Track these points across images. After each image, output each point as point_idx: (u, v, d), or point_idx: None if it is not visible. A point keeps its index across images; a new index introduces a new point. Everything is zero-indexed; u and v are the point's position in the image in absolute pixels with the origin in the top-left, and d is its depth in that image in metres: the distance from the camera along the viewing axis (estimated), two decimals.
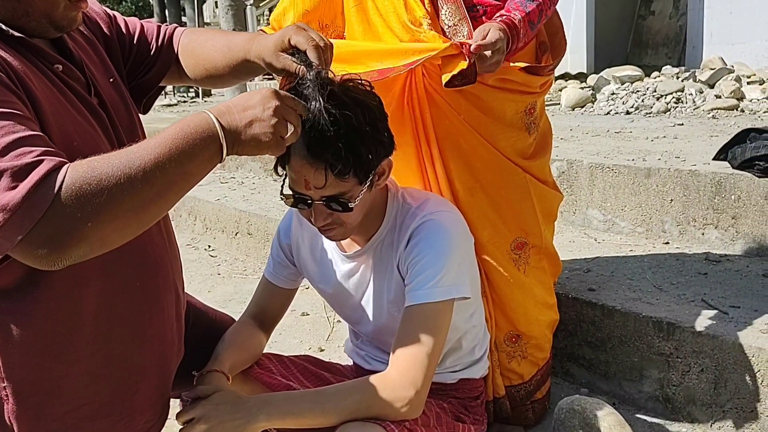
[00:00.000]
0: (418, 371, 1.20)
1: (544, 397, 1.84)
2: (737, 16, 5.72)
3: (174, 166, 0.92)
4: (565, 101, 4.71)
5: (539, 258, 1.73)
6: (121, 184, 0.87)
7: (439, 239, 1.27)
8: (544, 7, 1.50)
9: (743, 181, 2.26)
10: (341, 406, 1.19)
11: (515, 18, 1.42)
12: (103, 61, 1.20)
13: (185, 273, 1.36)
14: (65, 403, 1.06)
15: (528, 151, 1.68)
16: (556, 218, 1.85)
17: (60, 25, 1.04)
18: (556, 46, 1.72)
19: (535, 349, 1.77)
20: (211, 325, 1.46)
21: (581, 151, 2.93)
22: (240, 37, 1.27)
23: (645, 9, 8.02)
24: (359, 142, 1.15)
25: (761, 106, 3.82)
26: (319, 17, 1.64)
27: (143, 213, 0.92)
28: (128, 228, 0.92)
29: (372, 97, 1.22)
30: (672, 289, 1.99)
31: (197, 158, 0.95)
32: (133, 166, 0.88)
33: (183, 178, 0.94)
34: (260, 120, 0.99)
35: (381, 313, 1.38)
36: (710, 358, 1.69)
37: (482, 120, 1.59)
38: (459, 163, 1.59)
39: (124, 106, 1.19)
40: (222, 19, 8.02)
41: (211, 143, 0.96)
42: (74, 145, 0.99)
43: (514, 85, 1.59)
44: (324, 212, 1.22)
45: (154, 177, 0.90)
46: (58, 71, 1.04)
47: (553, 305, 1.82)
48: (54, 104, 0.99)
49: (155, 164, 0.90)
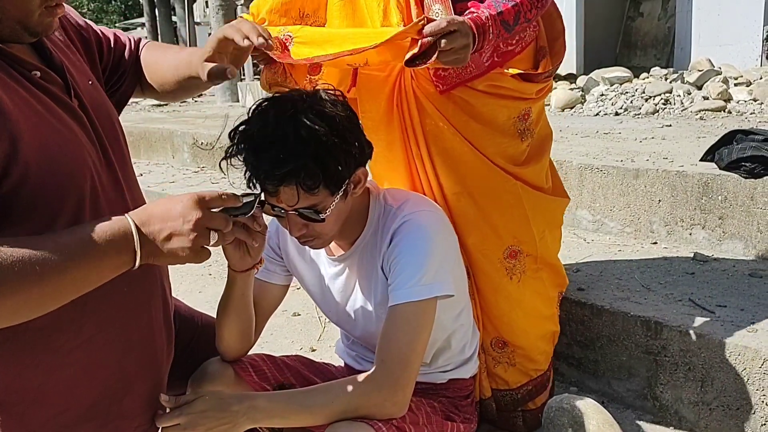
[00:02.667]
0: (403, 370, 1.21)
1: (537, 409, 1.78)
2: (725, 18, 5.76)
3: (75, 269, 0.89)
4: (554, 102, 4.73)
5: (536, 268, 1.69)
6: (9, 281, 0.84)
7: (419, 238, 1.27)
8: (523, 8, 1.44)
9: (730, 182, 2.29)
10: (328, 407, 1.20)
11: (482, 15, 1.38)
12: (82, 65, 1.20)
13: (176, 274, 1.37)
14: (48, 409, 1.06)
15: (520, 158, 1.64)
16: (560, 224, 1.80)
17: (35, 31, 1.02)
18: (556, 51, 1.69)
19: (524, 359, 1.73)
20: (196, 330, 1.46)
21: (570, 152, 2.95)
22: (185, 52, 1.30)
23: (634, 10, 8.06)
24: (327, 156, 1.15)
25: (748, 108, 3.85)
26: (301, 6, 1.59)
27: (28, 309, 0.89)
28: (5, 320, 0.88)
29: (341, 108, 1.21)
30: (660, 289, 2.01)
31: (104, 265, 0.92)
32: (32, 262, 0.85)
33: (83, 281, 0.92)
34: (179, 234, 0.96)
35: (369, 315, 1.39)
36: (697, 356, 1.71)
37: (470, 125, 1.56)
38: (445, 167, 1.57)
39: (105, 106, 1.18)
40: (212, 19, 7.99)
41: (124, 253, 0.93)
42: (53, 153, 0.98)
43: (508, 91, 1.56)
44: (298, 223, 1.23)
45: (48, 276, 0.87)
46: (36, 78, 1.02)
47: (550, 317, 1.78)
48: (29, 115, 0.97)
49: (56, 264, 0.87)
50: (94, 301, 1.06)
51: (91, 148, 1.08)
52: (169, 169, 4.82)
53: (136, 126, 5.39)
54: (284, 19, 1.56)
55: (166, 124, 5.47)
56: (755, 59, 5.52)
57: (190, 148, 4.80)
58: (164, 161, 5.08)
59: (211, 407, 1.18)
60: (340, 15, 1.53)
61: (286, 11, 1.58)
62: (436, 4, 1.47)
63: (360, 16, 1.52)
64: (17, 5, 0.97)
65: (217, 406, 1.18)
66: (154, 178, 4.51)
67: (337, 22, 1.54)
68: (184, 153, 4.86)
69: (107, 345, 1.10)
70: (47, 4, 1.00)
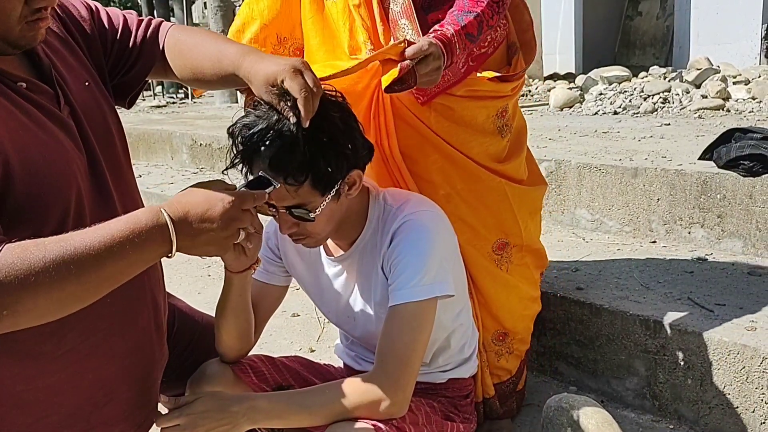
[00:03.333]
0: (403, 370, 1.21)
1: (523, 387, 1.88)
2: (724, 17, 5.76)
3: (112, 263, 0.89)
4: (553, 101, 4.73)
5: (521, 255, 1.74)
6: (48, 278, 0.84)
7: (419, 238, 1.27)
8: (484, 17, 1.46)
9: (728, 181, 2.29)
10: (328, 408, 1.20)
11: (448, 32, 1.40)
12: (80, 63, 1.16)
13: (175, 275, 1.36)
14: (28, 415, 1.05)
15: (502, 154, 1.68)
16: (540, 209, 1.85)
17: (18, 44, 1.00)
18: (526, 44, 1.70)
19: (519, 343, 1.81)
20: (196, 329, 1.45)
21: (569, 151, 2.95)
22: (231, 48, 1.20)
23: (632, 9, 8.07)
24: (315, 156, 1.15)
25: (746, 106, 3.85)
26: (277, 30, 1.61)
27: (65, 306, 0.89)
28: (45, 317, 0.89)
29: (336, 109, 1.21)
30: (659, 288, 2.01)
31: (140, 257, 0.92)
32: (67, 260, 0.85)
33: (118, 276, 0.92)
34: (215, 236, 0.96)
35: (369, 315, 1.39)
36: (696, 355, 1.71)
37: (453, 129, 1.58)
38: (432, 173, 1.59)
39: (99, 110, 1.16)
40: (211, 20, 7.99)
41: (160, 247, 0.93)
42: (38, 166, 0.97)
43: (485, 93, 1.59)
44: (288, 221, 1.23)
45: (86, 274, 0.87)
46: (22, 89, 1.00)
47: (537, 298, 1.85)
48: (13, 129, 0.95)
49: (92, 261, 0.87)
50: (78, 311, 1.05)
51: (78, 158, 1.06)
52: (168, 171, 4.82)
53: (135, 127, 5.39)
54: (264, 48, 1.57)
55: (164, 125, 5.47)
56: (754, 58, 5.52)
57: (189, 149, 4.80)
58: (163, 162, 5.07)
59: (211, 408, 1.18)
60: (314, 28, 1.56)
61: (264, 38, 1.60)
62: (403, 19, 1.49)
63: (330, 28, 1.54)
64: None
65: (217, 406, 1.18)
66: (152, 179, 4.51)
67: (312, 35, 1.56)
68: (183, 154, 4.86)
69: (90, 354, 1.09)
70: (28, 19, 0.97)
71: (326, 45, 1.55)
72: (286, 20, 1.62)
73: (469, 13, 1.45)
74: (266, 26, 1.60)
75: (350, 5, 1.50)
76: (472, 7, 1.46)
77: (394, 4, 1.51)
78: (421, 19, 1.52)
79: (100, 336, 1.09)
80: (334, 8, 1.52)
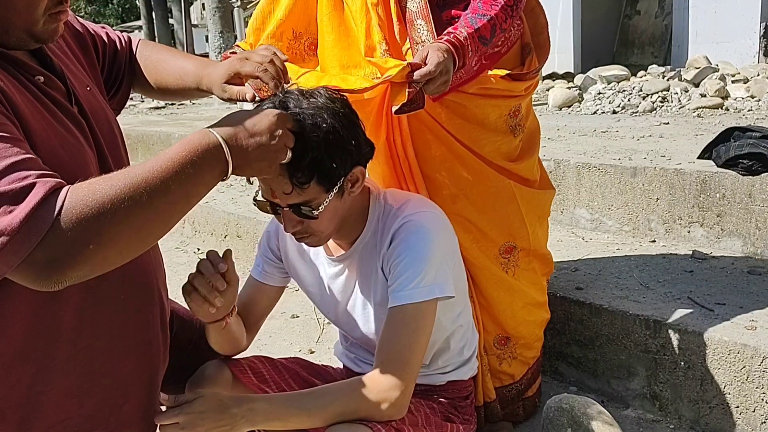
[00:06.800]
0: (402, 372, 1.21)
1: (534, 395, 1.85)
2: (722, 15, 5.77)
3: (177, 186, 0.91)
4: (552, 101, 4.73)
5: (529, 260, 1.73)
6: (123, 206, 0.86)
7: (419, 239, 1.27)
8: (498, 21, 1.46)
9: (728, 180, 2.29)
10: (327, 410, 1.20)
11: (461, 36, 1.40)
12: (81, 71, 1.20)
13: (175, 276, 1.37)
14: (48, 417, 1.06)
15: (514, 153, 1.68)
16: (548, 215, 1.84)
17: (41, 38, 1.03)
18: (540, 46, 1.71)
19: (524, 349, 1.78)
20: (194, 333, 1.45)
21: (568, 151, 2.95)
22: (192, 63, 1.30)
23: (631, 8, 8.07)
24: (321, 152, 1.15)
25: (745, 105, 3.85)
26: (293, 25, 1.62)
27: (145, 234, 0.91)
28: (130, 248, 0.91)
29: (339, 105, 1.20)
30: (659, 287, 2.01)
31: (202, 179, 0.95)
32: (136, 188, 0.87)
33: (185, 199, 0.94)
34: (267, 149, 1.00)
35: (368, 315, 1.39)
36: (696, 355, 1.71)
37: (465, 127, 1.58)
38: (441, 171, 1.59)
39: (103, 112, 1.19)
40: (209, 21, 8.00)
41: (216, 165, 0.96)
42: (60, 159, 0.98)
43: (498, 91, 1.58)
44: (293, 219, 1.23)
45: (156, 198, 0.89)
46: (40, 83, 1.03)
47: (543, 304, 1.83)
48: (38, 119, 0.98)
49: (159, 185, 0.89)
50: (91, 309, 1.06)
51: (91, 155, 1.08)
52: None
53: (134, 129, 5.39)
54: (280, 44, 1.59)
55: (163, 126, 5.47)
56: (752, 56, 5.52)
57: None
58: None
59: (210, 408, 1.17)
60: (330, 25, 1.56)
61: (281, 34, 1.61)
62: (419, 19, 1.48)
63: (346, 26, 1.54)
64: (23, 15, 0.98)
65: (216, 407, 1.18)
66: None
67: (328, 31, 1.56)
68: None
69: (105, 353, 1.09)
70: (51, 12, 1.01)
71: (341, 43, 1.55)
72: (303, 15, 1.63)
73: (483, 16, 1.45)
74: (282, 22, 1.62)
75: (368, 3, 1.50)
76: (486, 10, 1.46)
77: (411, 4, 1.51)
78: (436, 15, 1.52)
79: (114, 334, 1.11)
80: (353, 6, 1.52)
